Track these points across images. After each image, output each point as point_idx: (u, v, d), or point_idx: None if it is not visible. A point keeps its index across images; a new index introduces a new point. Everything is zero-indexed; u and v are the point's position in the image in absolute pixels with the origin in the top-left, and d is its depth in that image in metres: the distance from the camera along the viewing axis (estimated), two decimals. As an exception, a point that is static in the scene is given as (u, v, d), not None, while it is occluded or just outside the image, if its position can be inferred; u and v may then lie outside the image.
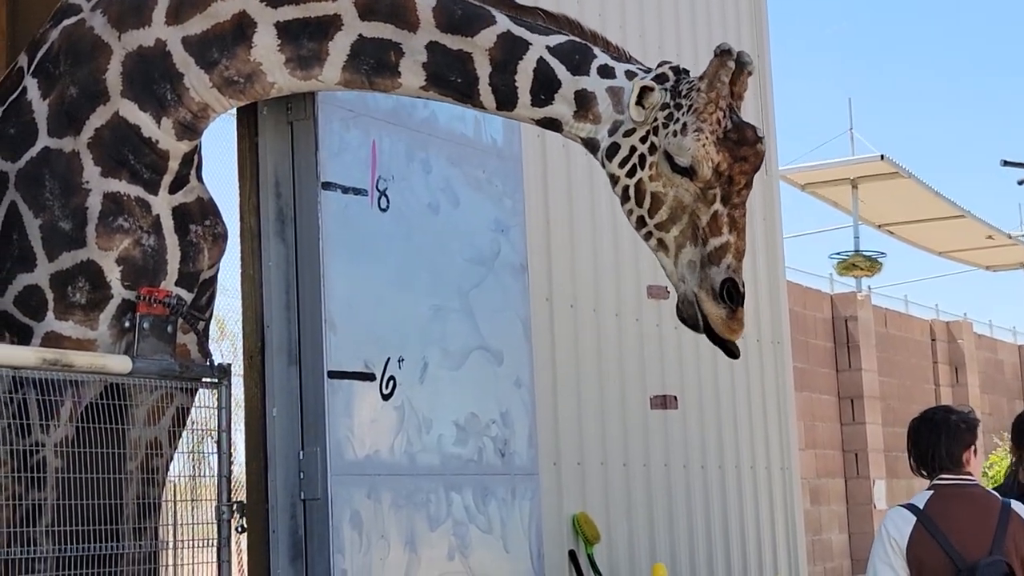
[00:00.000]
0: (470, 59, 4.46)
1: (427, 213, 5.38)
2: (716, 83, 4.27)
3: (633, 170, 4.39)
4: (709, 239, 4.30)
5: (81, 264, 4.44)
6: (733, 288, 4.29)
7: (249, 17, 4.48)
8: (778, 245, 8.81)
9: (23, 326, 4.46)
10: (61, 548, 4.24)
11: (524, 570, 5.60)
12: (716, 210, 4.30)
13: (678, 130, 4.30)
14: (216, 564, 4.61)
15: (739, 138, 4.31)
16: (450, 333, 5.40)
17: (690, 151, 4.26)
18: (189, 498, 4.78)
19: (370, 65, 4.51)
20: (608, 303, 7.15)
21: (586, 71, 4.46)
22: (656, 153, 4.35)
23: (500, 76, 4.46)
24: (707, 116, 4.27)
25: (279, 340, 4.96)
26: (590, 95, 4.45)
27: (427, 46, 4.47)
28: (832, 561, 14.41)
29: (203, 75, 4.51)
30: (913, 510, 4.52)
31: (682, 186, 4.32)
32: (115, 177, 4.49)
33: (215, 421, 4.62)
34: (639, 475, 7.17)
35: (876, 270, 19.40)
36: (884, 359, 16.20)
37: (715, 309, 4.31)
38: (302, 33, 4.48)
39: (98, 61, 4.53)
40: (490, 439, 5.53)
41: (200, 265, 4.69)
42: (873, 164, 18.08)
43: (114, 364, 4.37)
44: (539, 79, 4.46)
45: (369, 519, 4.95)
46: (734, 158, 4.29)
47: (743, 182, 4.33)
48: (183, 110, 4.53)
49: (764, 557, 8.12)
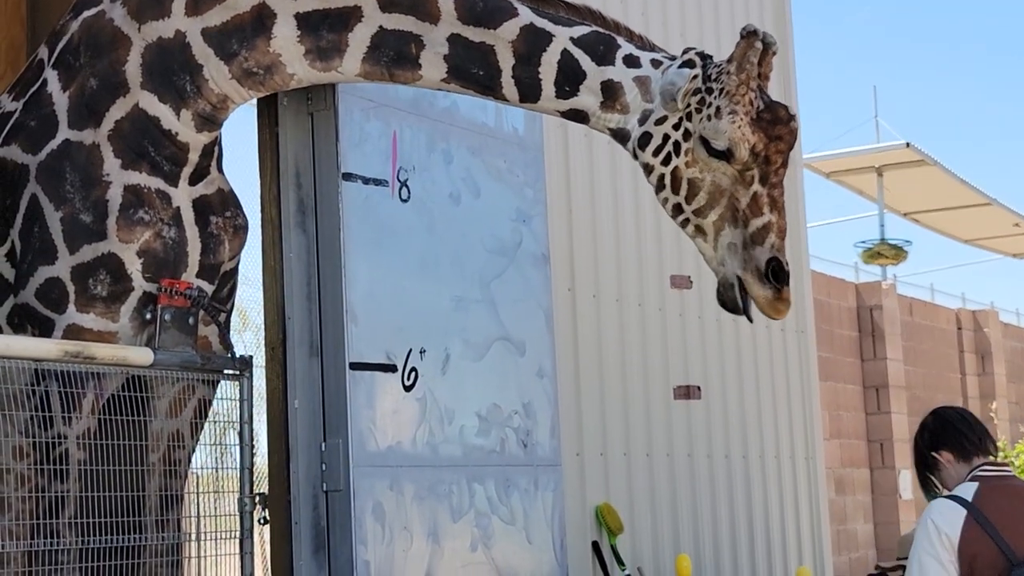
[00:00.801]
0: (492, 52, 4.44)
1: (448, 203, 5.36)
2: (745, 64, 4.27)
3: (668, 158, 4.39)
4: (751, 220, 4.31)
5: (102, 257, 4.44)
6: (779, 267, 4.29)
7: (269, 8, 4.47)
8: (802, 234, 8.77)
9: (45, 319, 4.47)
10: (84, 540, 4.25)
11: (547, 561, 5.59)
12: (755, 191, 4.31)
13: (712, 114, 4.30)
14: (239, 555, 4.62)
15: (773, 117, 4.32)
16: (472, 324, 5.39)
17: (726, 134, 4.27)
18: (212, 490, 4.79)
19: (390, 57, 4.49)
20: (631, 293, 7.13)
21: (611, 61, 4.44)
22: (691, 139, 4.35)
23: (524, 68, 4.45)
24: (740, 98, 4.27)
25: (300, 332, 4.96)
26: (617, 85, 4.43)
27: (448, 38, 4.45)
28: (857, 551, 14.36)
29: (223, 66, 4.50)
30: (962, 503, 4.39)
31: (719, 170, 4.33)
32: (135, 169, 4.49)
33: (237, 413, 4.63)
34: (662, 465, 7.15)
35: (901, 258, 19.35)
36: (909, 348, 16.14)
37: (762, 291, 4.32)
38: (322, 24, 4.46)
39: (118, 53, 4.53)
40: (512, 430, 5.51)
41: (221, 256, 4.69)
42: (898, 152, 18.01)
43: (135, 356, 4.37)
44: (564, 71, 4.44)
45: (391, 510, 4.95)
46: (769, 138, 4.30)
47: (779, 161, 4.34)
48: (202, 102, 4.52)
49: (789, 547, 8.09)
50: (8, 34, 6.53)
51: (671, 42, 7.77)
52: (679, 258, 7.43)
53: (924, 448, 4.63)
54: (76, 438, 4.33)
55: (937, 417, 4.69)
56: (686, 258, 7.43)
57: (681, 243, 7.45)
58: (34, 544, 4.24)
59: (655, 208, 7.35)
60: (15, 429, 4.34)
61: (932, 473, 4.61)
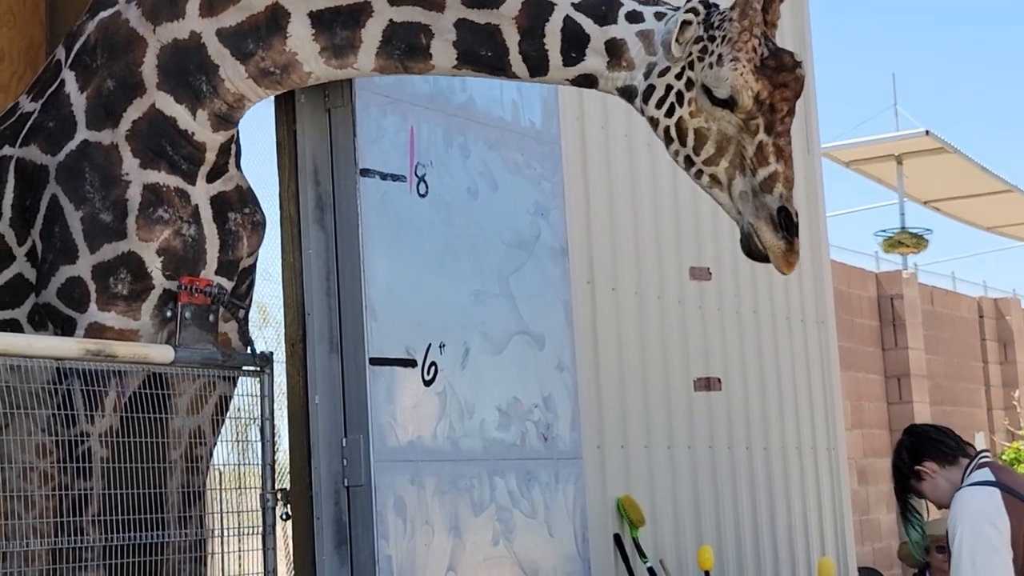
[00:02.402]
0: (498, 31, 4.42)
1: (466, 198, 5.37)
2: (748, 10, 4.21)
3: (672, 109, 4.33)
4: (758, 170, 4.25)
5: (122, 255, 4.46)
6: (788, 218, 4.24)
7: (282, 8, 4.48)
8: (822, 223, 8.74)
9: (67, 318, 4.50)
10: (107, 537, 4.28)
11: (569, 554, 5.60)
12: (761, 140, 4.25)
13: (713, 62, 4.24)
14: (262, 551, 4.64)
15: (777, 64, 4.26)
16: (491, 318, 5.39)
17: (727, 81, 4.21)
18: (234, 486, 4.81)
19: (402, 50, 4.50)
20: (650, 285, 7.12)
21: (614, 19, 4.39)
22: (694, 88, 4.29)
23: (529, 42, 4.42)
24: (742, 45, 4.20)
25: (320, 328, 4.97)
26: (620, 42, 4.38)
27: (455, 24, 4.44)
28: (880, 541, 14.34)
29: (239, 67, 4.51)
30: (991, 484, 4.39)
31: (724, 119, 4.27)
32: (154, 168, 4.51)
33: (258, 409, 4.65)
34: (683, 457, 7.14)
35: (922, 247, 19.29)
36: (931, 337, 16.10)
37: (775, 240, 4.25)
38: (335, 22, 4.48)
39: (134, 54, 4.54)
40: (533, 423, 5.52)
41: (239, 253, 4.71)
42: (918, 140, 17.95)
43: (157, 354, 4.39)
44: (567, 38, 4.40)
45: (413, 505, 4.96)
46: (774, 85, 4.23)
47: (785, 109, 4.27)
48: (219, 101, 4.54)
49: (811, 538, 8.08)
50: (27, 34, 6.56)
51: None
52: (698, 250, 7.43)
53: (905, 466, 4.67)
54: (99, 436, 4.36)
55: (911, 434, 4.78)
56: (705, 250, 7.42)
57: (700, 235, 7.44)
58: (58, 542, 4.27)
59: (674, 200, 7.35)
60: (37, 427, 4.37)
61: (916, 492, 4.65)
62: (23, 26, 6.57)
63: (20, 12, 6.60)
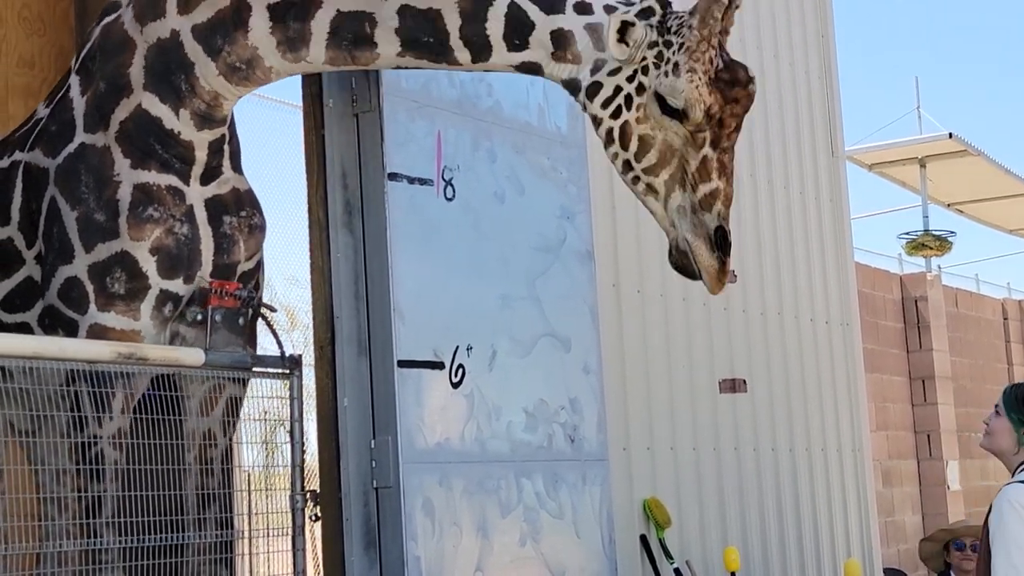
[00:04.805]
0: (439, 16, 4.31)
1: (493, 202, 5.39)
2: (709, 19, 4.06)
3: (618, 111, 4.20)
4: (699, 185, 4.13)
5: (116, 255, 4.47)
6: (723, 237, 4.15)
7: (245, 1, 4.46)
8: (846, 226, 8.75)
9: (70, 320, 4.51)
10: (123, 539, 4.29)
11: (595, 555, 5.62)
12: (705, 155, 4.13)
13: (670, 70, 4.10)
14: (291, 552, 4.67)
15: (731, 78, 4.13)
16: (518, 321, 5.42)
17: (683, 92, 4.07)
18: (264, 487, 4.84)
19: (349, 40, 4.42)
20: (675, 288, 7.14)
21: (561, 9, 4.26)
22: (644, 94, 4.16)
23: (471, 27, 4.30)
24: (700, 55, 4.06)
25: (349, 330, 5.01)
26: (567, 34, 4.26)
27: (398, 11, 4.35)
28: (906, 543, 14.30)
29: (210, 63, 4.50)
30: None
31: (671, 129, 4.14)
32: (144, 168, 4.51)
33: (288, 411, 4.68)
34: (709, 459, 7.16)
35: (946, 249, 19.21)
36: (955, 339, 16.06)
37: (710, 260, 4.16)
38: (287, 14, 4.44)
39: (124, 56, 4.57)
40: (559, 425, 5.54)
41: (236, 257, 4.67)
42: (941, 142, 17.89)
43: (187, 357, 4.42)
44: (511, 24, 4.27)
45: (441, 506, 4.99)
46: (726, 100, 4.11)
47: (733, 125, 4.15)
48: (197, 100, 4.53)
49: (837, 539, 8.08)
50: (57, 41, 6.61)
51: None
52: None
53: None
54: (110, 438, 4.36)
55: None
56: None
57: (724, 237, 7.45)
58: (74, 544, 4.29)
59: (698, 203, 7.37)
60: (56, 430, 4.39)
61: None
62: (53, 33, 6.62)
63: (50, 20, 6.65)
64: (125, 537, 4.30)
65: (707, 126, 4.11)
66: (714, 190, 4.14)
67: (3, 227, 4.76)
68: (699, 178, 4.14)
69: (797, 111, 8.43)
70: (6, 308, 4.79)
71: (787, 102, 8.38)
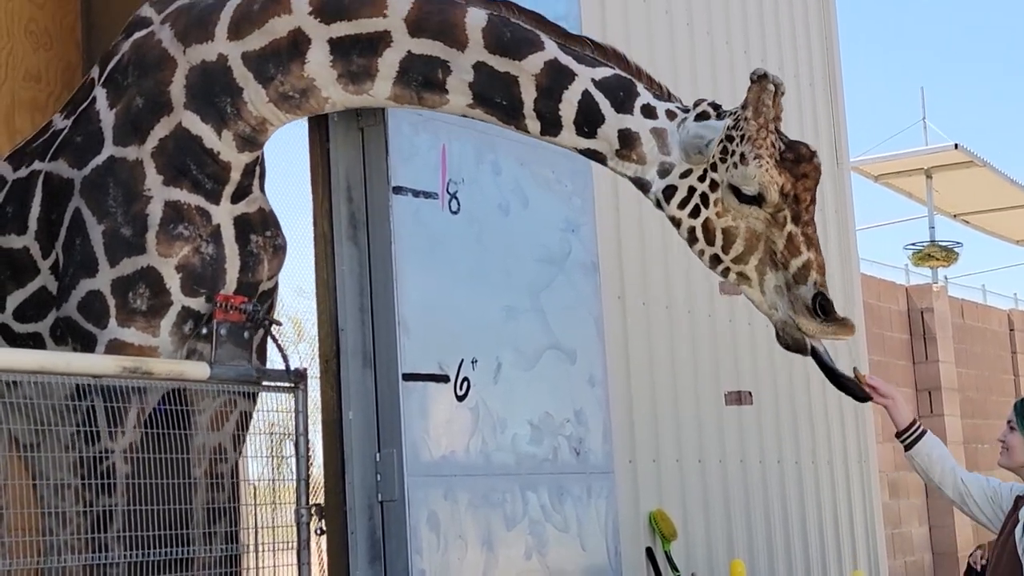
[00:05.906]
0: (516, 83, 4.47)
1: (497, 214, 5.41)
2: (761, 108, 4.28)
3: (696, 210, 4.41)
4: (790, 261, 4.33)
5: (141, 270, 4.49)
6: (824, 300, 4.33)
7: (304, 33, 4.52)
8: (851, 237, 8.76)
9: (87, 333, 4.52)
10: (132, 553, 4.29)
11: (601, 568, 5.61)
12: (790, 231, 4.33)
13: (737, 161, 4.31)
14: (296, 566, 4.66)
15: (796, 156, 4.34)
16: (523, 333, 5.42)
17: (755, 178, 4.28)
18: (269, 501, 4.84)
19: (419, 81, 4.52)
20: (680, 300, 7.14)
21: (630, 109, 4.46)
22: (719, 189, 4.37)
23: (545, 103, 4.47)
24: (762, 141, 4.28)
25: (354, 343, 5.01)
26: (634, 135, 4.46)
27: (474, 66, 4.47)
28: (913, 555, 14.29)
29: (261, 90, 4.56)
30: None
31: (752, 215, 4.34)
32: (176, 186, 4.54)
33: (293, 425, 4.67)
34: (715, 471, 7.16)
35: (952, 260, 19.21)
36: (962, 350, 16.04)
37: (817, 326, 4.34)
38: (353, 49, 4.50)
39: (164, 73, 4.60)
40: (565, 438, 5.55)
41: (260, 275, 4.71)
42: (947, 153, 17.92)
43: (192, 371, 4.42)
44: (583, 111, 4.46)
45: (446, 519, 4.99)
46: (796, 176, 4.32)
47: (808, 198, 4.36)
48: (242, 123, 4.58)
49: (843, 551, 8.07)
50: (64, 56, 6.63)
51: (717, 50, 7.79)
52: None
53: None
54: (122, 452, 4.37)
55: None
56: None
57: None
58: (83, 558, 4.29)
59: (703, 215, 7.37)
60: (61, 444, 4.39)
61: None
62: (59, 48, 6.65)
63: (57, 34, 6.67)
64: (133, 552, 4.30)
65: (785, 205, 4.33)
66: (807, 261, 4.34)
67: (19, 236, 4.77)
68: (789, 254, 4.34)
69: (802, 122, 8.44)
70: (18, 318, 4.80)
71: (792, 113, 8.38)
